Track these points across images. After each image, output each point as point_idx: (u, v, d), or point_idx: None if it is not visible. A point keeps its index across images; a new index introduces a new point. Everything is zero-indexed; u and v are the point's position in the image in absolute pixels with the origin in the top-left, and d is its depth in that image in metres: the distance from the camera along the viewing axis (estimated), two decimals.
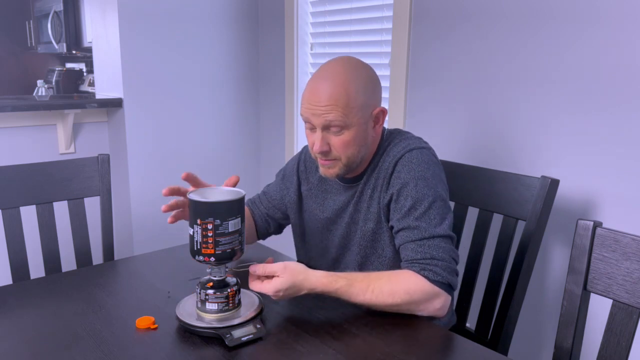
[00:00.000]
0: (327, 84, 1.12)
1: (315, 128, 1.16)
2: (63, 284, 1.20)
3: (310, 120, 1.15)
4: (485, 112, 1.66)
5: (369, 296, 1.04)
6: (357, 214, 1.25)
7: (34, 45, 4.90)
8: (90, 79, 4.47)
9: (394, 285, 1.05)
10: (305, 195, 1.36)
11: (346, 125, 1.13)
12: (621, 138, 1.36)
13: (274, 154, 2.62)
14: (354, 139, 1.15)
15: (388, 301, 1.04)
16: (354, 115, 1.13)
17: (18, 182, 1.44)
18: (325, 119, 1.12)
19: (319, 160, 1.20)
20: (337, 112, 1.11)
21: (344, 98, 1.11)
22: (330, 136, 1.15)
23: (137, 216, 2.35)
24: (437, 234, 1.10)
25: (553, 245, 1.54)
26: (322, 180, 1.33)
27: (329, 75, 1.14)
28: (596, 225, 0.97)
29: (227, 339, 0.93)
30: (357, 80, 1.14)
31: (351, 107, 1.12)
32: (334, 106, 1.11)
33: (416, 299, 1.05)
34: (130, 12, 2.20)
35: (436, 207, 1.13)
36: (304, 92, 1.17)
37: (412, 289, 1.05)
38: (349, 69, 1.15)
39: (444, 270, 1.07)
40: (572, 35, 1.43)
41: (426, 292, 1.06)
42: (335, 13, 2.17)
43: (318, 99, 1.12)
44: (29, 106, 2.08)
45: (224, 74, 2.52)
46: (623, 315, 0.95)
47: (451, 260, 1.10)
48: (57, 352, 0.91)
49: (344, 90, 1.11)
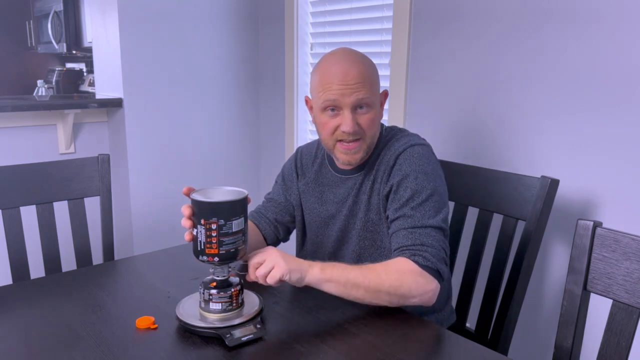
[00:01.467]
0: (353, 64, 1.17)
1: (340, 110, 1.18)
2: (63, 284, 1.20)
3: (338, 101, 1.16)
4: (485, 112, 1.66)
5: (360, 279, 1.04)
6: (356, 206, 1.26)
7: (34, 45, 4.90)
8: (90, 79, 4.47)
9: (386, 268, 1.07)
10: (302, 191, 1.37)
11: (373, 103, 1.19)
12: (621, 138, 1.36)
13: (274, 154, 2.62)
14: (377, 117, 1.21)
15: (380, 286, 1.04)
16: (376, 95, 1.20)
17: (18, 182, 1.44)
18: (357, 97, 1.16)
19: (343, 146, 1.20)
20: (366, 90, 1.16)
21: (371, 77, 1.19)
22: (357, 116, 1.18)
23: (137, 216, 2.35)
24: (429, 224, 1.12)
25: (553, 245, 1.54)
26: (318, 174, 1.34)
27: (349, 58, 1.18)
28: (596, 225, 0.97)
29: (227, 339, 0.93)
30: (370, 63, 1.21)
31: (375, 86, 1.20)
32: (364, 84, 1.16)
33: (407, 283, 1.06)
34: (130, 12, 2.20)
35: (433, 201, 1.15)
36: (324, 77, 1.18)
37: (403, 273, 1.06)
38: (359, 54, 1.22)
39: (433, 257, 1.09)
40: (572, 35, 1.43)
41: (416, 276, 1.07)
42: (335, 13, 2.17)
43: (349, 78, 1.15)
44: (29, 106, 2.08)
45: (224, 74, 2.52)
46: (623, 315, 0.95)
47: (441, 249, 1.11)
48: (57, 352, 0.91)
49: (370, 69, 1.19)
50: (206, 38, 2.43)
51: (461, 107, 1.73)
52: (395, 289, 1.05)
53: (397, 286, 1.05)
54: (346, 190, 1.28)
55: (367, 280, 1.05)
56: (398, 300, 1.07)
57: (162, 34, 2.30)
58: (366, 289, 1.05)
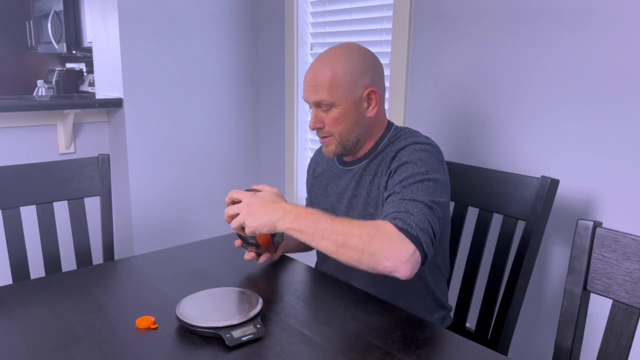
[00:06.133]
0: (317, 65, 1.24)
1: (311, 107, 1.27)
2: (63, 284, 1.20)
3: (306, 99, 1.26)
4: (485, 112, 1.66)
5: (329, 231, 1.03)
6: (354, 199, 1.27)
7: (34, 45, 4.90)
8: (90, 79, 4.47)
9: (361, 224, 1.05)
10: (312, 184, 1.44)
11: (333, 102, 1.22)
12: (621, 138, 1.36)
13: (273, 153, 2.62)
14: (343, 115, 1.23)
15: (348, 238, 1.02)
16: (339, 94, 1.21)
17: (18, 182, 1.44)
18: (315, 98, 1.23)
19: (319, 139, 1.29)
20: (325, 92, 1.21)
21: (329, 78, 1.21)
22: (321, 113, 1.24)
23: (137, 216, 2.35)
24: (419, 199, 1.10)
25: (553, 245, 1.54)
26: (327, 168, 1.40)
27: (320, 58, 1.25)
28: (596, 225, 0.97)
29: (227, 338, 0.93)
30: (347, 62, 1.22)
31: (336, 86, 1.21)
32: (323, 86, 1.21)
33: (379, 241, 1.02)
34: (130, 12, 2.21)
35: (427, 185, 1.13)
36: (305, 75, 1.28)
37: (377, 230, 1.03)
38: (341, 52, 1.24)
39: (416, 225, 1.05)
40: (573, 34, 1.43)
41: (392, 237, 1.02)
42: (335, 13, 2.17)
43: (313, 79, 1.23)
44: (29, 106, 2.08)
45: (223, 74, 2.52)
46: (623, 315, 0.95)
47: (426, 221, 1.07)
48: (57, 352, 0.91)
49: (331, 69, 1.21)
50: (206, 38, 2.43)
51: (461, 107, 1.73)
52: (364, 244, 1.01)
53: (367, 242, 1.01)
54: (346, 181, 1.31)
55: (336, 233, 1.02)
56: (368, 261, 1.01)
57: (162, 34, 2.30)
58: (334, 241, 1.03)
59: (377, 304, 1.11)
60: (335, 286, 1.21)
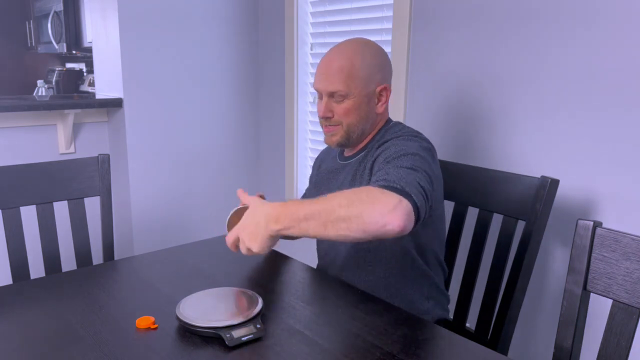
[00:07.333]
0: (334, 56, 1.25)
1: (323, 96, 1.27)
2: (63, 284, 1.20)
3: (319, 88, 1.27)
4: (485, 112, 1.66)
5: (309, 209, 0.97)
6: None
7: (34, 45, 4.90)
8: (90, 79, 4.47)
9: (343, 191, 0.99)
10: (315, 181, 1.46)
11: (347, 94, 1.23)
12: (621, 138, 1.36)
13: (274, 154, 2.62)
14: (355, 107, 1.25)
15: (331, 209, 0.95)
16: (355, 86, 1.23)
17: (18, 182, 1.44)
18: (330, 88, 1.24)
19: (324, 128, 1.30)
20: (341, 83, 1.22)
21: (347, 69, 1.22)
22: (333, 103, 1.26)
23: (137, 216, 2.35)
24: (402, 165, 1.07)
25: (553, 245, 1.54)
26: (330, 164, 1.41)
27: (338, 48, 1.27)
28: (596, 225, 0.97)
29: (227, 339, 0.93)
30: (364, 56, 1.24)
31: (353, 77, 1.23)
32: (340, 76, 1.22)
33: (363, 199, 0.95)
34: (130, 12, 2.21)
35: (412, 158, 1.10)
36: (318, 65, 1.29)
37: (360, 191, 0.99)
38: (359, 45, 1.26)
39: (398, 179, 1.01)
40: (573, 34, 1.43)
41: (376, 193, 0.97)
42: (335, 13, 2.17)
43: (329, 68, 1.24)
44: (29, 106, 2.08)
45: (224, 74, 2.52)
46: (623, 315, 0.95)
47: (410, 177, 1.03)
48: (57, 352, 0.91)
49: (349, 61, 1.23)
50: (206, 38, 2.43)
51: (461, 106, 1.73)
52: (347, 210, 0.94)
53: (349, 206, 0.94)
54: (344, 175, 1.33)
55: (317, 213, 0.95)
56: (357, 225, 0.93)
57: (162, 34, 2.30)
58: (319, 221, 0.95)
59: (377, 304, 1.11)
60: (336, 286, 1.21)
